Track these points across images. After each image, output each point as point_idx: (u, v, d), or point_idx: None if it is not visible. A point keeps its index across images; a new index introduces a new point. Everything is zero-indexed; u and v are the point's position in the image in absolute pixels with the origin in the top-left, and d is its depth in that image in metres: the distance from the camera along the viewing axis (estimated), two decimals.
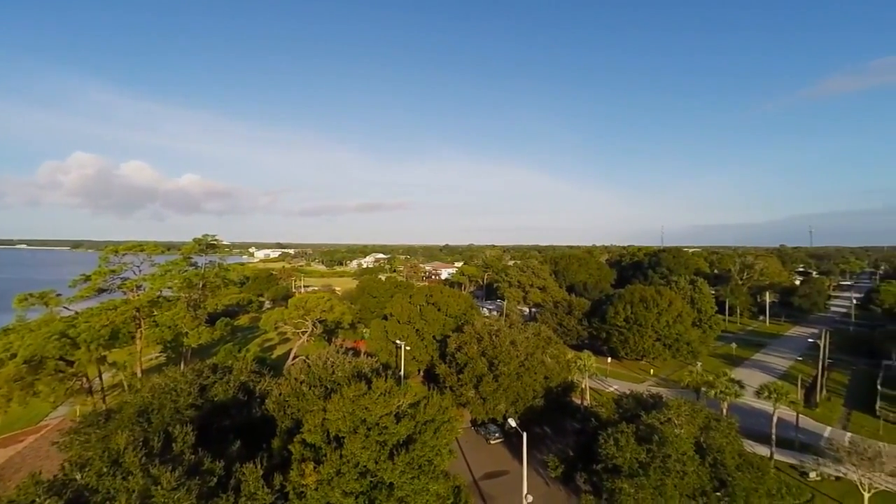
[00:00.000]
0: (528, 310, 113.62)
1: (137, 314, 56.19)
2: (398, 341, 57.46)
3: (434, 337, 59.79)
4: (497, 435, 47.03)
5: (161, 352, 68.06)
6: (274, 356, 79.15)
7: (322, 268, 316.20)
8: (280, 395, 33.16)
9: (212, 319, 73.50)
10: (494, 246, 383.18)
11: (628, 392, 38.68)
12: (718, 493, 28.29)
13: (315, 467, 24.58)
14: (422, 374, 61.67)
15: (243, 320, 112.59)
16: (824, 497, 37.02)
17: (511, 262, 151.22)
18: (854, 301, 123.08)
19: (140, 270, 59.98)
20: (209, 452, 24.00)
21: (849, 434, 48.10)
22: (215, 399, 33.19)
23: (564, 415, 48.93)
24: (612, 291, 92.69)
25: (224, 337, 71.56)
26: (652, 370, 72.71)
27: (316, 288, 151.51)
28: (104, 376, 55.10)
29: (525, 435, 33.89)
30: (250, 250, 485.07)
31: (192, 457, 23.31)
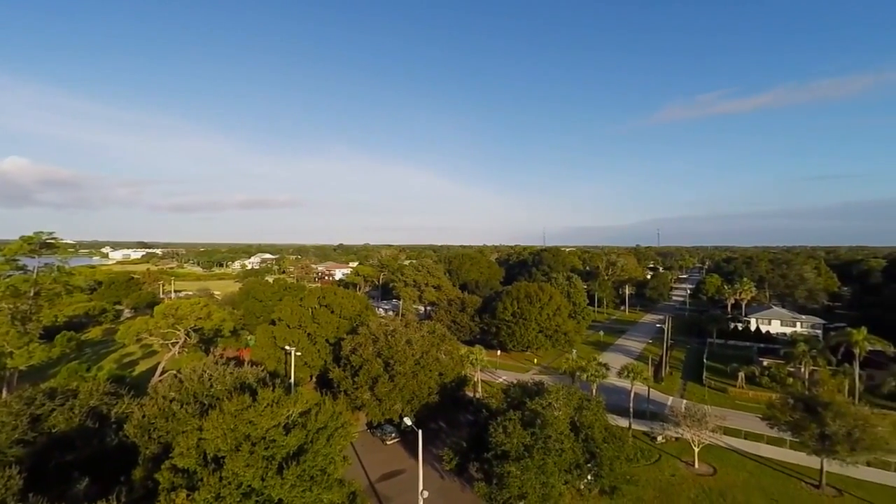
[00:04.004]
0: (423, 308, 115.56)
1: None
2: (288, 347, 54.05)
3: (327, 340, 57.53)
4: (393, 435, 47.02)
5: None
6: (136, 373, 68.84)
7: (198, 270, 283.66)
8: (143, 417, 29.03)
9: (49, 334, 61.07)
10: (390, 246, 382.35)
11: (515, 381, 41.84)
12: (589, 465, 32.18)
13: (188, 495, 21.97)
14: (314, 379, 58.91)
15: (94, 333, 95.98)
16: (668, 455, 44.28)
17: (407, 262, 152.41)
18: (688, 291, 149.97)
19: None
20: (46, 496, 20.19)
21: (684, 401, 58.16)
22: (54, 430, 27.89)
23: (458, 408, 50.86)
24: (501, 288, 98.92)
25: (66, 354, 59.95)
26: (535, 360, 79.43)
27: (190, 293, 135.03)
28: None
29: (421, 432, 34.43)
30: (104, 250, 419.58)
31: None
